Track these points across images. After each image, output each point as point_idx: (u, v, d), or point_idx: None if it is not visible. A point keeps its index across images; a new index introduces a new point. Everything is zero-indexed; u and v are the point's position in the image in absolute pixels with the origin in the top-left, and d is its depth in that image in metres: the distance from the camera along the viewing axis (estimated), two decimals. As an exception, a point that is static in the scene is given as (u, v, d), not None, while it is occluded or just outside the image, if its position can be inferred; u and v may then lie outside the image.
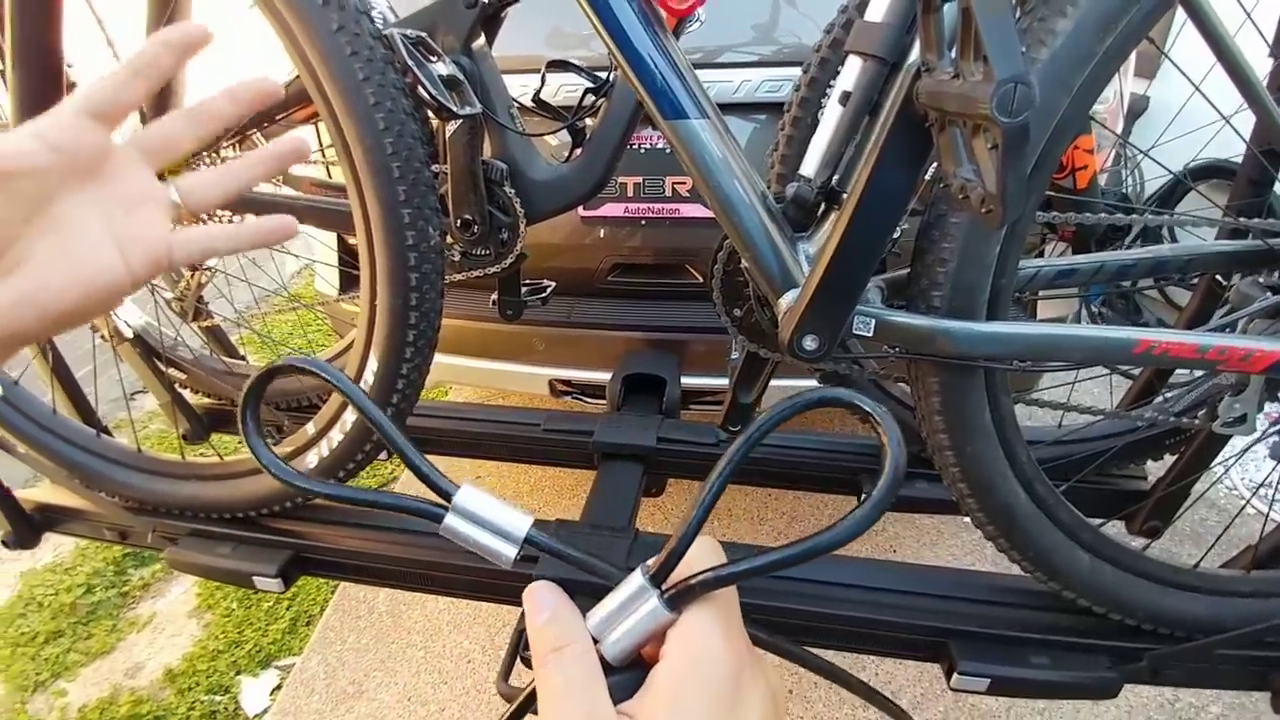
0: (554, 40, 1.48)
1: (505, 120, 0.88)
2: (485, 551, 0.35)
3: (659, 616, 0.32)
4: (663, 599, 0.32)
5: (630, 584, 0.33)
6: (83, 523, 1.05)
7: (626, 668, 0.33)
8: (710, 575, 0.32)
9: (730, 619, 0.33)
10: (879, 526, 2.00)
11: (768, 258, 0.64)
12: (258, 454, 0.36)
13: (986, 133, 0.38)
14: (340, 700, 1.62)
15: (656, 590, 0.33)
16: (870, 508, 0.29)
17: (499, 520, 0.35)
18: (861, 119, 0.59)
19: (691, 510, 0.32)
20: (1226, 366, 0.59)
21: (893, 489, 0.29)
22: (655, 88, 0.61)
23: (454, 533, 0.35)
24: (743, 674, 0.31)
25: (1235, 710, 1.51)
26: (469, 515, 0.35)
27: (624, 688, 0.31)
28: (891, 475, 0.29)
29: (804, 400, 0.32)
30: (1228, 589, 0.76)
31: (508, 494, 2.20)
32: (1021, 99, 0.34)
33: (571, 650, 0.32)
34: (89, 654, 1.81)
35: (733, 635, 0.33)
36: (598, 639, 0.33)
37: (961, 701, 1.55)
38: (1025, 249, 0.62)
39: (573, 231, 1.49)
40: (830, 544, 0.30)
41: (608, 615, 0.33)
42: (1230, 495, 2.10)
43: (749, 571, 0.32)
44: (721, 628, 0.32)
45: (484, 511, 0.35)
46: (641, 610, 0.32)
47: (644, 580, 0.33)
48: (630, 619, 0.33)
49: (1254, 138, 0.82)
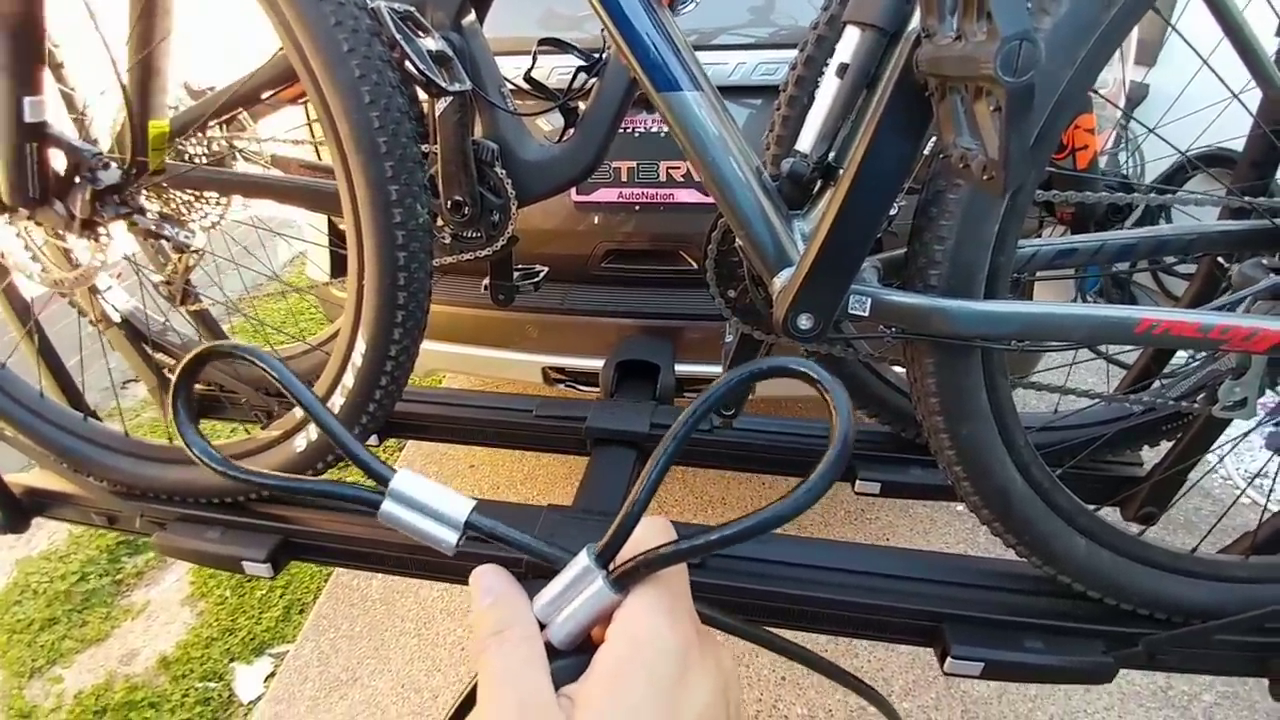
0: (546, 23, 1.46)
1: (496, 99, 0.86)
2: (426, 538, 0.34)
3: (605, 597, 0.31)
4: (608, 580, 0.31)
5: (576, 565, 0.32)
6: (71, 507, 1.04)
7: (575, 651, 0.32)
8: (655, 554, 0.31)
9: (677, 598, 0.32)
10: (872, 515, 2.00)
11: (762, 235, 0.62)
12: (188, 440, 0.34)
13: (989, 95, 0.37)
14: (334, 687, 1.62)
15: (603, 571, 0.32)
16: (816, 479, 0.28)
17: (439, 505, 0.34)
18: (859, 91, 0.58)
19: (638, 487, 0.31)
20: (1230, 346, 0.57)
21: (839, 461, 0.27)
22: (649, 60, 0.59)
23: (393, 519, 0.34)
24: (688, 654, 0.30)
25: (1228, 699, 1.51)
26: (407, 501, 0.34)
27: (570, 671, 0.30)
28: (839, 447, 0.28)
29: (753, 369, 0.30)
30: (1226, 574, 0.76)
31: (501, 481, 2.19)
32: (1027, 56, 0.33)
33: (512, 634, 0.31)
34: (84, 641, 1.80)
35: (679, 615, 0.31)
36: (544, 623, 0.32)
37: (954, 689, 1.55)
38: (1024, 232, 0.61)
39: (566, 217, 1.47)
40: (777, 518, 0.28)
41: (554, 598, 0.32)
42: (1225, 485, 2.10)
43: (695, 549, 0.30)
44: (667, 607, 0.31)
45: (423, 496, 0.34)
46: (587, 592, 0.31)
47: (590, 561, 0.32)
48: (576, 601, 0.32)
49: (1260, 116, 0.81)
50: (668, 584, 0.32)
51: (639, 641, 0.30)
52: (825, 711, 1.50)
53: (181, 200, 1.01)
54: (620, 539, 0.32)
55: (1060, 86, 0.52)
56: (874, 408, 1.00)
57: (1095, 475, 1.01)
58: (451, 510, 0.34)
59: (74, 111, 0.97)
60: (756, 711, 1.51)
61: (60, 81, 0.95)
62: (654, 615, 0.31)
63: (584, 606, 0.32)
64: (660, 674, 0.29)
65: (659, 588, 0.32)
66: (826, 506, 2.03)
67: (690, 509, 2.05)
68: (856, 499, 2.00)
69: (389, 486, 0.34)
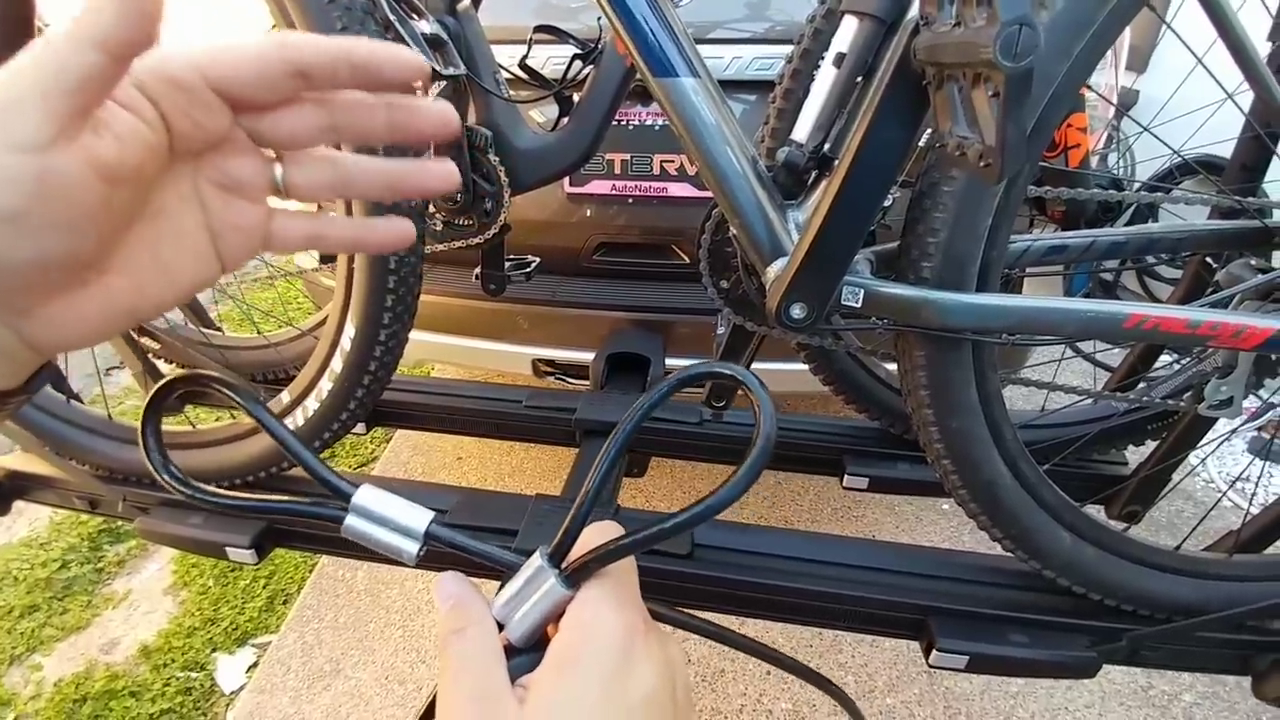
0: (542, 13, 1.45)
1: (490, 85, 0.85)
2: (389, 550, 0.36)
3: (557, 594, 0.33)
4: (560, 577, 0.33)
5: (530, 566, 0.34)
6: (52, 491, 1.03)
7: (533, 648, 0.33)
8: (602, 550, 0.33)
9: (624, 591, 0.34)
10: (860, 511, 2.01)
11: (756, 225, 0.62)
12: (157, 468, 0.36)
13: (988, 82, 0.37)
14: (317, 678, 1.61)
15: (555, 569, 0.33)
16: (745, 470, 0.30)
17: (399, 518, 0.35)
18: (855, 82, 0.58)
19: (584, 488, 0.33)
20: (1217, 343, 0.58)
21: (764, 453, 0.30)
22: (646, 44, 0.59)
23: (356, 533, 0.35)
24: (634, 640, 0.32)
25: (1208, 699, 1.53)
26: (369, 515, 0.35)
27: (526, 666, 0.32)
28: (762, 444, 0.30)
29: (687, 374, 0.33)
30: (1209, 572, 0.76)
31: (490, 473, 2.18)
32: (1026, 41, 0.33)
33: (469, 631, 0.33)
34: (64, 629, 1.78)
35: (625, 606, 0.33)
36: (503, 623, 0.34)
37: (937, 684, 1.56)
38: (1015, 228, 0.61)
39: (559, 209, 1.47)
40: (710, 510, 0.31)
41: (511, 598, 0.34)
42: (1207, 488, 2.12)
43: (638, 543, 0.32)
44: (614, 599, 0.33)
45: (384, 510, 0.35)
46: (541, 590, 0.33)
47: (542, 561, 0.34)
48: (531, 599, 0.33)
49: (1252, 118, 0.82)
50: (615, 577, 0.34)
51: (586, 629, 0.32)
52: (809, 706, 1.51)
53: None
54: (571, 537, 0.34)
55: (1056, 81, 0.52)
56: (864, 403, 1.01)
57: (1081, 473, 1.02)
58: (412, 522, 0.35)
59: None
60: (741, 706, 1.51)
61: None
62: (601, 606, 0.33)
63: (539, 604, 0.33)
64: (606, 659, 0.31)
65: (608, 581, 0.34)
66: (814, 502, 2.04)
67: (679, 503, 2.04)
68: (844, 494, 2.02)
69: (352, 501, 0.35)
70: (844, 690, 0.54)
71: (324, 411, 0.82)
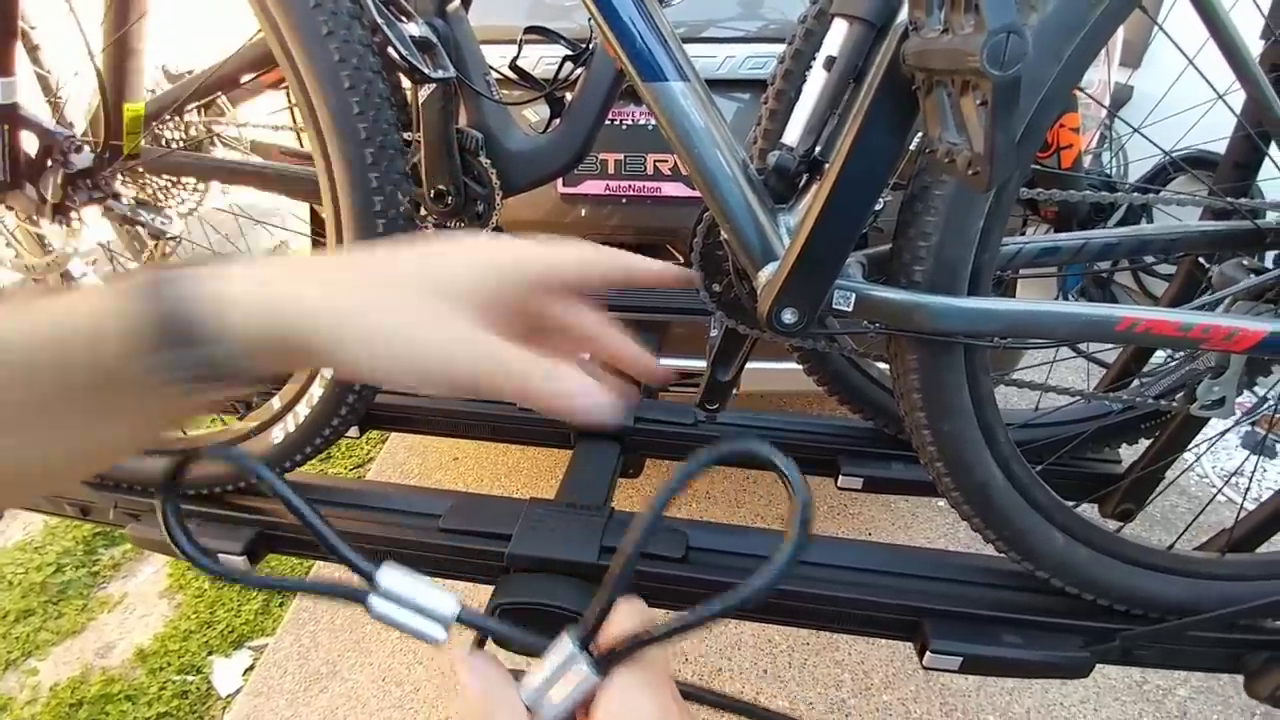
0: (534, 14, 1.44)
1: (481, 87, 0.85)
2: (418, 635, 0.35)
3: (589, 681, 0.33)
4: (591, 663, 0.33)
5: (560, 650, 0.34)
6: (44, 497, 1.02)
7: None
8: (635, 639, 0.32)
9: (657, 677, 0.34)
10: (855, 510, 2.01)
11: (747, 229, 0.62)
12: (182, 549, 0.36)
13: (976, 90, 0.37)
14: (314, 680, 1.60)
15: (586, 655, 0.33)
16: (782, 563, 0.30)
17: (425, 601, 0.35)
18: (846, 85, 0.57)
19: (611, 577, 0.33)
20: (1209, 345, 0.58)
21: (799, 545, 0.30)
22: (634, 48, 0.58)
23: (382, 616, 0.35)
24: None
25: (1203, 694, 1.54)
26: (394, 597, 0.35)
27: None
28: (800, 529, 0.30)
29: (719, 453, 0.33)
30: (1202, 571, 0.76)
31: (485, 474, 2.18)
32: (1014, 49, 0.33)
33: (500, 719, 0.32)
34: (60, 633, 1.78)
35: (660, 693, 0.33)
36: (532, 708, 0.33)
37: (933, 682, 1.56)
38: (1007, 230, 0.61)
39: (552, 209, 1.46)
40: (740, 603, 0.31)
41: (541, 684, 0.33)
42: (1201, 483, 2.13)
43: (671, 633, 0.32)
44: (648, 686, 0.33)
45: (408, 592, 0.35)
46: (572, 676, 0.33)
47: (573, 646, 0.33)
48: (562, 685, 0.33)
49: (1243, 117, 0.82)
50: (648, 663, 0.34)
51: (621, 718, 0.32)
52: (806, 705, 1.51)
53: (158, 186, 0.99)
54: (600, 621, 0.33)
55: (1046, 84, 0.52)
56: (858, 403, 1.00)
57: (1074, 473, 1.02)
58: (439, 608, 0.35)
59: (51, 94, 0.95)
60: (738, 705, 1.52)
61: (36, 64, 0.93)
62: (636, 695, 0.32)
63: (571, 691, 0.33)
64: None
65: (640, 668, 0.33)
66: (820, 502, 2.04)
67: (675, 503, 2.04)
68: (839, 494, 2.02)
69: (375, 580, 0.35)
70: None
71: (315, 418, 0.81)
